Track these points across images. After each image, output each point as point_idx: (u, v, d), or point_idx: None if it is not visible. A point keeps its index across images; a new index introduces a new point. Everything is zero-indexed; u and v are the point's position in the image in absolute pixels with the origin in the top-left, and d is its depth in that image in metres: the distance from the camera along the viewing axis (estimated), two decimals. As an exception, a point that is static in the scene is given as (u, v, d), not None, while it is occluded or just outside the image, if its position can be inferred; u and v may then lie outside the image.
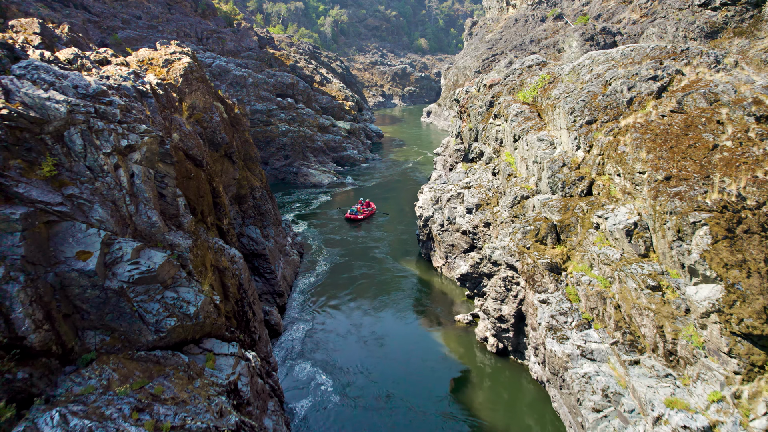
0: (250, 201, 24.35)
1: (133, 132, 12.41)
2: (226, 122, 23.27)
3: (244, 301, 15.55)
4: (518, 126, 21.61)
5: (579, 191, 16.92)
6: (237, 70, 49.81)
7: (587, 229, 16.00)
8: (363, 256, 30.98)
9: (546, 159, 18.35)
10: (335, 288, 26.69)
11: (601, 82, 18.15)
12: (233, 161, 22.53)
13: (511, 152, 23.05)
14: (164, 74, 20.00)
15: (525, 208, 19.50)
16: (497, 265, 18.49)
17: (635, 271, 13.47)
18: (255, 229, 23.61)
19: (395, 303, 24.90)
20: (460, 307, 24.09)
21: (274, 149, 47.94)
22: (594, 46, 44.62)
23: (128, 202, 12.05)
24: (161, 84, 16.88)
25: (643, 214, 14.16)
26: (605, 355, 13.81)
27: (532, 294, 16.74)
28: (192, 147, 16.81)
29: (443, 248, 25.91)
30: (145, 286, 11.28)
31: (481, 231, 22.86)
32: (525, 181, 20.56)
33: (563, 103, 18.31)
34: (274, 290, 23.35)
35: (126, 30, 46.64)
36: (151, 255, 11.71)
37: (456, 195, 25.08)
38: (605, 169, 16.24)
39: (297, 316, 24.03)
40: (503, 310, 18.28)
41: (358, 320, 23.44)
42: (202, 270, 13.37)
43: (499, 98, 27.73)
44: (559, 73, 23.06)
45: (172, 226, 13.26)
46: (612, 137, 16.17)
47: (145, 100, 15.54)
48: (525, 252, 17.19)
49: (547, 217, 17.35)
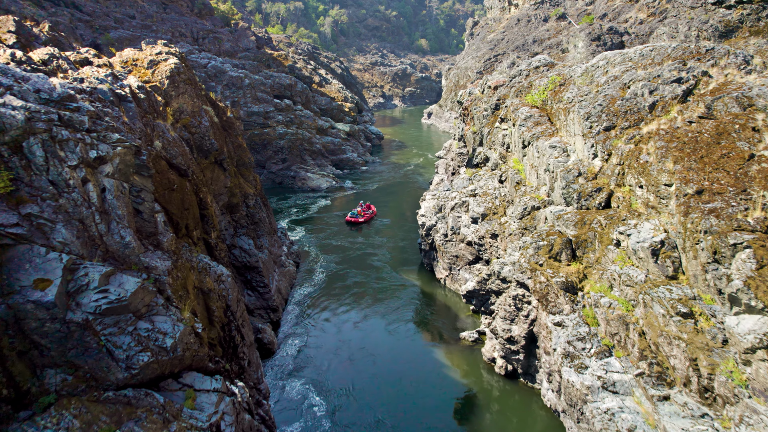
0: (242, 210, 23.03)
1: (104, 141, 11.09)
2: (217, 127, 21.96)
3: (232, 324, 14.23)
4: (527, 131, 20.29)
5: (596, 204, 15.59)
6: (233, 71, 48.50)
7: (606, 245, 14.67)
8: (362, 265, 29.66)
9: (559, 168, 17.02)
10: (332, 300, 25.36)
11: (618, 84, 16.82)
12: (224, 168, 21.21)
13: (519, 159, 21.72)
14: (149, 76, 18.70)
15: (536, 219, 18.17)
16: (507, 282, 17.17)
17: (663, 295, 12.15)
18: (248, 239, 22.29)
19: (395, 317, 23.56)
20: (465, 323, 22.76)
21: (271, 152, 46.62)
22: (601, 46, 43.33)
23: (98, 221, 10.73)
24: (143, 87, 15.57)
25: (670, 231, 12.83)
26: (629, 387, 12.48)
27: (546, 315, 15.42)
28: (176, 155, 15.50)
29: (447, 259, 24.59)
30: (115, 318, 9.96)
31: (488, 242, 21.53)
32: (535, 190, 19.23)
33: (578, 107, 16.99)
34: (267, 305, 22.03)
35: (119, 30, 45.33)
36: (122, 281, 10.39)
37: (460, 203, 23.75)
38: (625, 180, 14.91)
39: (292, 331, 22.71)
40: (513, 330, 16.95)
41: (357, 335, 22.11)
42: (183, 294, 12.05)
43: (505, 101, 26.41)
44: (570, 74, 21.75)
45: (150, 245, 11.93)
46: (633, 145, 14.85)
47: (123, 104, 14.22)
48: (537, 269, 15.86)
49: (562, 232, 16.03)
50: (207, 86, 45.80)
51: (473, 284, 18.42)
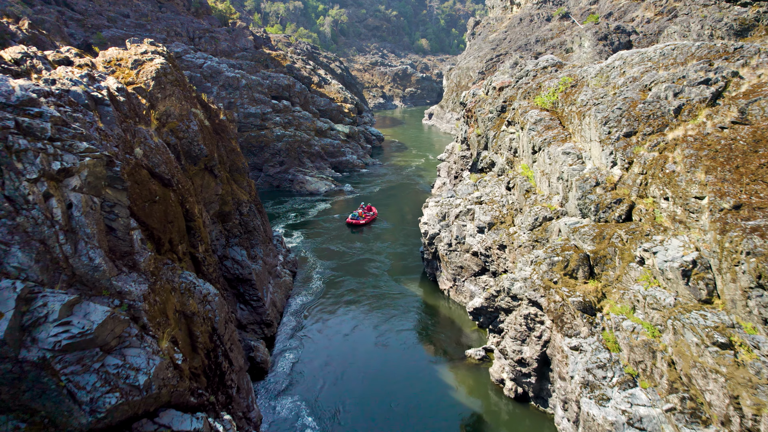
0: (235, 218, 21.77)
1: (70, 151, 9.84)
2: (208, 131, 20.71)
3: (218, 350, 12.97)
4: (538, 136, 19.04)
5: (616, 216, 14.33)
6: (230, 71, 47.24)
7: (628, 262, 13.41)
8: (361, 273, 28.42)
9: (575, 176, 15.76)
10: (330, 312, 24.11)
11: (638, 86, 15.56)
12: (215, 175, 19.96)
13: (528, 165, 20.47)
14: (133, 77, 17.44)
15: (548, 231, 16.92)
16: (517, 299, 15.91)
17: (696, 322, 10.89)
18: (240, 250, 21.04)
19: (396, 331, 22.30)
20: (470, 338, 21.50)
21: (268, 155, 45.37)
22: (608, 45, 42.06)
23: (62, 241, 9.48)
24: (123, 89, 14.31)
25: (702, 249, 11.57)
26: (658, 423, 11.23)
27: (561, 337, 14.16)
28: (159, 163, 14.24)
29: (451, 270, 23.33)
30: (78, 354, 8.71)
31: (495, 254, 20.28)
32: (547, 199, 17.97)
33: (594, 111, 15.72)
34: (261, 320, 20.77)
35: (112, 29, 44.10)
36: (89, 310, 9.14)
37: (465, 211, 22.49)
38: (649, 191, 13.65)
39: (288, 346, 21.46)
40: (524, 352, 15.69)
41: (355, 351, 20.86)
42: (162, 321, 10.80)
43: (512, 103, 25.16)
44: (582, 75, 20.50)
45: (124, 267, 10.68)
46: (657, 153, 13.59)
47: (99, 108, 12.98)
48: (551, 287, 14.60)
49: (578, 247, 14.77)
50: (202, 87, 44.56)
51: (480, 301, 17.17)
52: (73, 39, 39.75)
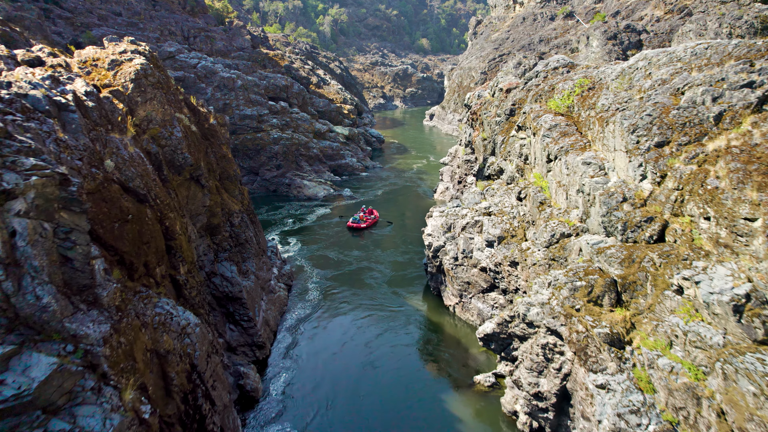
0: (225, 230, 20.20)
1: (13, 170, 8.27)
2: (195, 137, 19.12)
3: (198, 390, 11.39)
4: (553, 143, 17.46)
5: (646, 236, 12.75)
6: (225, 71, 45.64)
7: (662, 290, 11.83)
8: (360, 284, 26.87)
9: (598, 190, 14.17)
10: (327, 328, 22.56)
11: (669, 90, 13.97)
12: (202, 185, 18.38)
13: (542, 174, 18.88)
14: (110, 79, 15.87)
15: (566, 250, 15.33)
16: (534, 326, 14.33)
17: (752, 367, 9.31)
18: (230, 266, 19.45)
19: (397, 351, 20.72)
20: (479, 361, 19.92)
21: (264, 158, 43.78)
22: (617, 45, 40.47)
23: (2, 277, 7.91)
24: (93, 92, 12.73)
25: (756, 280, 9.99)
26: (705, 483, 9.64)
27: (584, 372, 12.58)
28: (133, 177, 12.66)
29: (457, 285, 21.75)
30: (12, 420, 7.15)
31: (506, 270, 18.70)
32: (564, 213, 16.38)
33: (620, 117, 14.13)
34: (252, 341, 19.19)
35: (102, 27, 42.50)
36: (30, 363, 7.58)
37: (473, 223, 20.91)
38: (685, 208, 12.07)
39: (281, 366, 19.91)
40: (541, 384, 14.11)
41: (352, 373, 19.30)
42: (128, 366, 9.22)
43: (522, 106, 23.57)
44: (600, 77, 18.92)
45: (82, 303, 9.09)
46: (696, 166, 12.01)
47: (63, 115, 11.40)
48: (573, 315, 13.02)
49: (603, 270, 13.18)
50: (196, 88, 42.97)
51: (492, 326, 15.58)
52: (61, 38, 38.17)
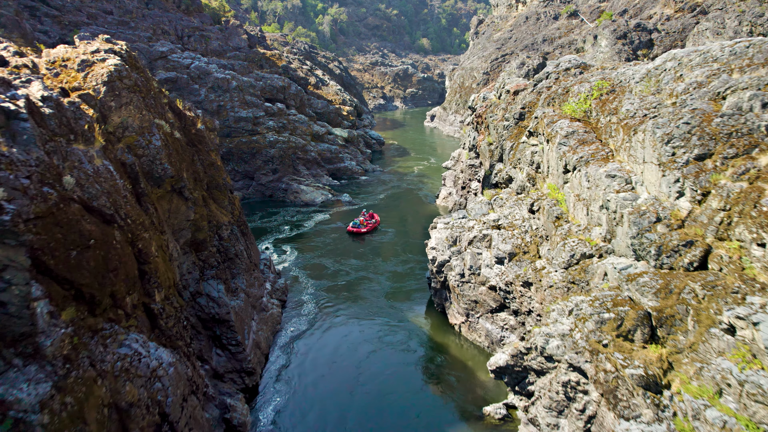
0: (212, 245, 18.61)
1: (-74, 198, 6.71)
2: (179, 144, 17.53)
3: (168, 445, 9.81)
4: (571, 152, 15.87)
5: (685, 263, 11.16)
6: (219, 72, 44.04)
7: (707, 327, 10.24)
8: (359, 298, 25.33)
9: (626, 208, 12.58)
10: (323, 346, 21.02)
11: (707, 94, 12.38)
12: (185, 197, 16.79)
13: (557, 185, 17.29)
14: (80, 81, 14.28)
15: (588, 273, 13.74)
16: (553, 361, 12.74)
17: (828, 431, 7.71)
18: (217, 284, 17.87)
19: (398, 373, 19.15)
20: (487, 387, 18.33)
21: (260, 162, 42.19)
22: (627, 44, 38.87)
23: None
24: (52, 97, 11.14)
25: (828, 323, 8.40)
26: None
27: (614, 418, 11.00)
28: (98, 195, 11.06)
29: (463, 303, 20.16)
30: None
31: (518, 291, 17.12)
32: (585, 230, 14.79)
33: (652, 125, 12.53)
34: (241, 367, 17.60)
35: (92, 26, 40.88)
36: (-61, 444, 6.03)
37: (481, 237, 19.32)
38: (733, 232, 10.48)
39: (273, 390, 18.37)
40: (562, 426, 12.52)
41: (348, 398, 17.75)
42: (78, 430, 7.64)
43: (533, 110, 21.99)
44: (620, 79, 17.34)
45: (17, 358, 7.50)
46: (746, 183, 10.43)
47: (12, 124, 9.81)
48: (600, 351, 11.44)
49: (635, 301, 11.59)
50: (189, 89, 41.38)
51: (505, 358, 13.99)
52: (48, 37, 36.59)
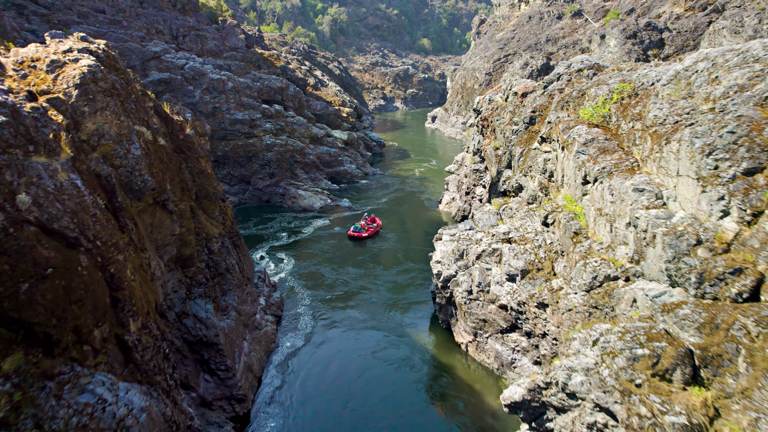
0: (200, 261, 17.22)
1: None
2: (163, 152, 16.14)
3: None
4: (591, 161, 14.47)
5: (733, 293, 9.76)
6: (215, 72, 42.65)
7: (763, 370, 8.84)
8: (360, 309, 24.00)
9: (658, 227, 11.18)
10: (320, 364, 19.74)
11: (751, 99, 10.99)
12: (170, 210, 15.40)
13: (574, 197, 15.90)
14: (49, 84, 12.89)
15: (613, 297, 12.34)
16: (576, 398, 11.35)
17: None
18: (205, 304, 16.47)
19: (400, 395, 17.79)
20: (498, 415, 16.93)
21: (257, 166, 40.80)
22: (637, 44, 37.46)
23: None
24: (6, 104, 9.75)
25: None
26: None
27: (651, 469, 9.57)
28: (59, 215, 9.67)
29: (471, 321, 18.77)
30: None
31: (531, 312, 15.73)
32: (608, 249, 13.39)
33: (689, 134, 11.13)
34: (231, 394, 16.20)
35: (82, 25, 39.53)
36: None
37: (490, 251, 17.93)
38: (790, 259, 9.07)
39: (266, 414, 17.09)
40: (587, 472, 11.10)
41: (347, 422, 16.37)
42: None
43: (545, 114, 20.59)
44: (642, 81, 15.95)
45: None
46: (806, 204, 9.02)
47: (-45, 137, 8.43)
48: (633, 392, 10.04)
49: (673, 335, 10.19)
50: (184, 90, 39.99)
51: (522, 392, 12.59)
52: (36, 36, 35.20)
